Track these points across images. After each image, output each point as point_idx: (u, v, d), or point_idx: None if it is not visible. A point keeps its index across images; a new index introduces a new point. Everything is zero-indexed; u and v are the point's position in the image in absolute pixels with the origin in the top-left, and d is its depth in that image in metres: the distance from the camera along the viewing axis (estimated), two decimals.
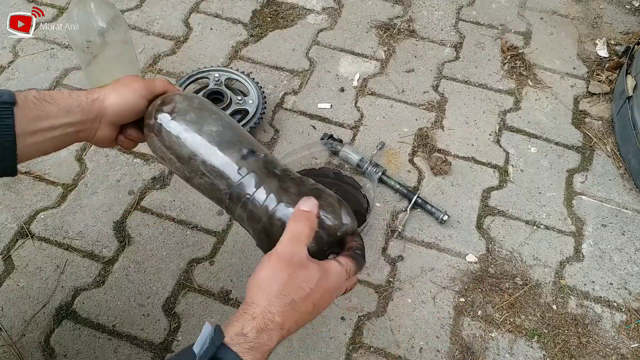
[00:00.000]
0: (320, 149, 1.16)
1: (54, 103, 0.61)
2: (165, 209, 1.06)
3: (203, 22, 1.40)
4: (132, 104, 0.66)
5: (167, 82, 0.70)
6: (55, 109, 0.60)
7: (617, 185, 1.15)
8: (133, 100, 0.66)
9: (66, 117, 0.61)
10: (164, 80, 0.70)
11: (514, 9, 1.49)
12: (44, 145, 0.62)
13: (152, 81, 0.68)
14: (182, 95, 0.68)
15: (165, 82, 0.70)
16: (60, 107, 0.61)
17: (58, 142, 0.63)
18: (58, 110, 0.61)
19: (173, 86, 0.71)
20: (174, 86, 0.71)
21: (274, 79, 1.29)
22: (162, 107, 0.66)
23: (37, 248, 1.00)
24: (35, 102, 0.59)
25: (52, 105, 0.60)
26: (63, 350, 0.89)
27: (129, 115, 0.67)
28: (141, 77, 0.69)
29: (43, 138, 0.61)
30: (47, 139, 0.61)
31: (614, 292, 1.00)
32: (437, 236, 1.06)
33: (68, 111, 0.61)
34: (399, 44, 1.38)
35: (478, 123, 1.24)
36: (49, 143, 0.62)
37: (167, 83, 0.70)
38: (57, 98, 0.61)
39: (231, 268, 0.99)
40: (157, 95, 0.68)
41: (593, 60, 1.38)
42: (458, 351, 0.92)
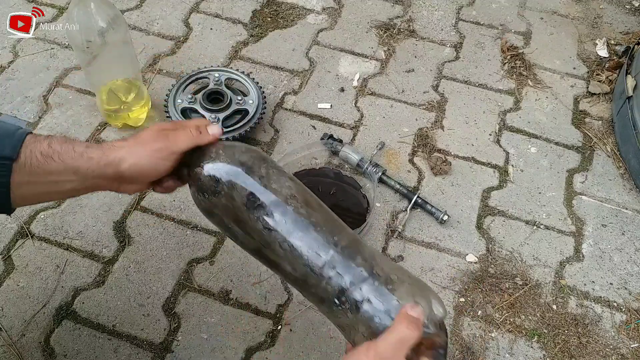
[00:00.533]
0: (320, 149, 1.16)
1: (61, 161, 0.57)
2: (165, 209, 1.06)
3: (203, 22, 1.40)
4: (153, 168, 0.60)
5: (196, 136, 0.61)
6: (61, 168, 0.57)
7: (617, 185, 1.15)
8: (154, 165, 0.59)
9: (72, 176, 0.58)
10: (191, 134, 0.61)
11: (514, 9, 1.49)
12: (47, 196, 0.59)
13: (176, 140, 0.60)
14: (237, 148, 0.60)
15: (193, 137, 0.61)
16: (66, 166, 0.57)
17: (67, 194, 0.60)
18: (63, 170, 0.57)
19: (204, 136, 0.62)
20: (205, 132, 0.62)
21: (274, 79, 1.29)
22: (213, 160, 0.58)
23: (37, 248, 1.00)
24: (40, 159, 0.56)
25: (58, 164, 0.56)
26: (63, 350, 0.89)
27: (151, 177, 0.62)
28: (165, 132, 0.61)
29: (44, 190, 0.58)
30: (50, 191, 0.58)
31: (614, 292, 1.00)
32: (437, 236, 1.06)
33: (75, 172, 0.57)
34: (399, 44, 1.39)
35: (478, 123, 1.24)
36: (54, 195, 0.59)
37: (197, 137, 0.61)
38: (66, 157, 0.57)
39: (231, 268, 0.99)
40: (183, 153, 0.61)
41: (593, 60, 1.38)
42: (458, 351, 0.92)
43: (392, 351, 0.50)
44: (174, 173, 0.64)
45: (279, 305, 0.95)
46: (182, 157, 0.62)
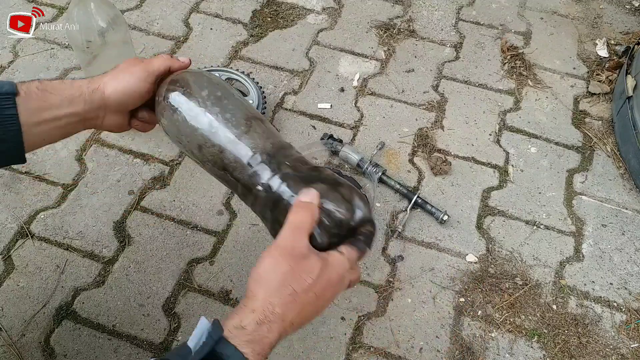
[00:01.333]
0: (320, 149, 1.16)
1: (56, 94, 0.60)
2: (165, 209, 1.06)
3: (203, 22, 1.40)
4: (133, 90, 0.64)
5: (167, 57, 0.67)
6: (58, 100, 0.60)
7: (617, 185, 1.15)
8: (134, 86, 0.64)
9: (69, 107, 0.61)
10: (164, 56, 0.67)
11: (514, 9, 1.49)
12: (50, 134, 0.62)
13: (151, 61, 0.66)
14: (192, 74, 0.66)
15: (165, 58, 0.67)
16: (62, 97, 0.61)
17: (64, 131, 0.63)
18: (60, 101, 0.61)
19: (175, 60, 0.68)
20: (176, 59, 0.68)
21: (274, 79, 1.29)
22: (171, 87, 0.64)
23: (37, 248, 1.00)
24: (37, 92, 0.59)
25: (55, 96, 0.60)
26: (63, 350, 0.89)
27: (133, 101, 0.66)
28: (141, 59, 0.67)
29: (48, 127, 0.61)
30: (52, 128, 0.61)
31: (614, 292, 1.00)
32: (437, 236, 1.06)
33: (70, 102, 0.61)
34: (399, 44, 1.39)
35: (478, 123, 1.24)
36: (56, 132, 0.62)
37: (168, 58, 0.67)
38: (60, 88, 0.61)
39: (231, 268, 0.99)
40: (159, 75, 0.66)
41: (593, 60, 1.38)
42: (458, 351, 0.92)
43: (289, 238, 0.53)
44: (148, 106, 0.68)
45: None
46: (157, 81, 0.66)
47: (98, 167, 1.12)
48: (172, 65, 0.67)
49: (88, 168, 1.12)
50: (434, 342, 0.93)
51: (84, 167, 1.12)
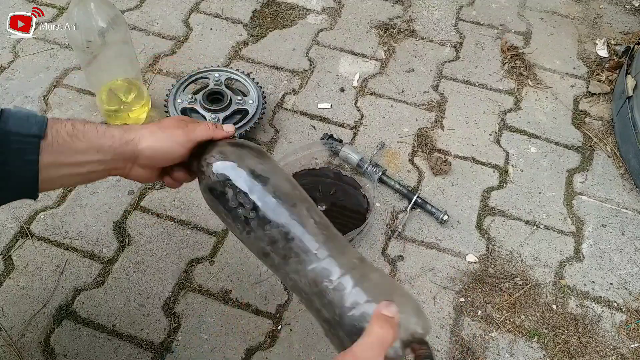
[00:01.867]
0: (320, 149, 1.16)
1: (86, 140, 0.59)
2: (165, 209, 1.06)
3: (203, 22, 1.40)
4: (169, 152, 0.63)
5: (212, 128, 0.65)
6: (85, 146, 0.59)
7: (617, 185, 1.15)
8: (170, 148, 0.62)
9: (95, 155, 0.60)
10: (208, 125, 0.65)
11: (514, 9, 1.49)
12: (69, 179, 0.60)
13: (194, 129, 0.64)
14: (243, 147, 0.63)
15: (209, 129, 0.65)
16: (91, 145, 0.59)
17: (85, 178, 0.61)
18: (88, 148, 0.59)
19: (219, 131, 0.66)
20: (220, 129, 0.66)
21: (274, 79, 1.29)
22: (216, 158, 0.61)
23: (37, 248, 1.00)
24: (66, 138, 0.58)
25: (83, 143, 0.58)
26: (63, 350, 0.89)
27: (165, 161, 0.64)
28: (185, 122, 0.65)
29: (69, 172, 0.59)
30: (72, 173, 0.60)
31: (614, 292, 1.00)
32: (437, 236, 1.06)
33: (98, 150, 0.59)
34: (399, 44, 1.39)
35: (478, 123, 1.24)
36: (76, 178, 0.61)
37: (213, 129, 0.65)
38: (90, 136, 0.59)
39: (231, 268, 0.99)
40: (200, 142, 0.64)
41: (593, 60, 1.38)
42: (458, 351, 0.92)
43: (368, 353, 0.49)
44: (184, 165, 0.67)
45: (279, 305, 0.95)
46: (196, 148, 0.64)
47: None
48: (215, 136, 0.65)
49: None
50: (434, 342, 0.93)
51: None
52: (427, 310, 0.96)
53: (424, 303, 0.97)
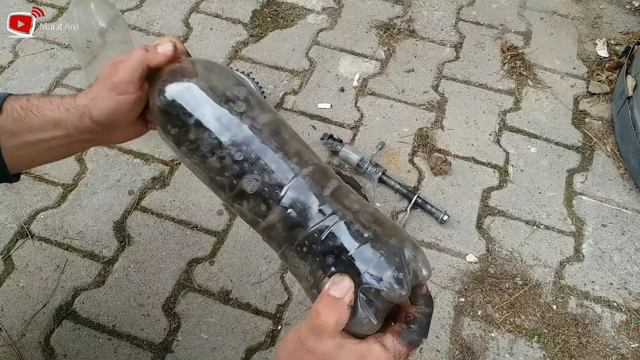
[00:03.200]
0: (320, 149, 1.16)
1: (40, 114, 0.54)
2: (165, 209, 1.06)
3: (203, 22, 1.40)
4: (120, 108, 0.52)
5: (141, 54, 0.52)
6: (40, 122, 0.54)
7: (617, 185, 1.15)
8: (117, 104, 0.52)
9: (55, 130, 0.54)
10: (137, 54, 0.52)
11: (514, 9, 1.49)
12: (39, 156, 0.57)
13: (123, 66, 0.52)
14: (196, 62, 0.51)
15: (139, 57, 0.52)
16: (46, 119, 0.54)
17: (58, 152, 0.57)
18: (44, 122, 0.54)
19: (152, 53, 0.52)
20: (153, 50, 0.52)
21: (274, 79, 1.29)
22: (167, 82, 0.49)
23: (37, 248, 1.00)
24: (20, 112, 0.54)
25: (37, 117, 0.54)
26: (63, 350, 0.89)
27: (127, 117, 0.54)
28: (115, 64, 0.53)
29: (35, 150, 0.55)
30: (40, 150, 0.55)
31: (614, 292, 1.00)
32: (437, 236, 1.06)
33: (56, 125, 0.54)
34: (399, 44, 1.39)
35: (478, 123, 1.24)
36: (46, 154, 0.57)
37: (142, 55, 0.52)
38: (44, 109, 0.54)
39: (231, 268, 0.99)
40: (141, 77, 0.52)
41: (593, 60, 1.38)
42: (458, 351, 0.92)
43: (312, 340, 0.42)
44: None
45: (279, 305, 0.95)
46: (145, 84, 0.54)
47: (98, 167, 1.12)
48: (150, 63, 0.52)
49: (88, 168, 1.12)
50: (434, 342, 0.93)
51: (84, 167, 1.12)
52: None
53: None
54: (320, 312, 0.42)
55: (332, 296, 0.42)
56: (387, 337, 0.44)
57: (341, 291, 0.42)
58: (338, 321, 0.42)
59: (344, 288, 0.42)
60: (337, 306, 0.41)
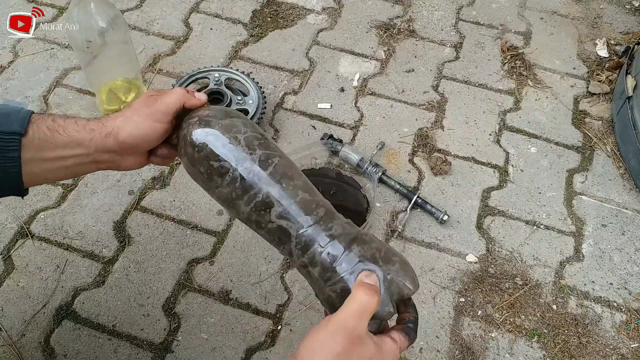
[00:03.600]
0: (320, 149, 1.16)
1: (66, 134, 0.58)
2: (165, 209, 1.06)
3: (203, 22, 1.40)
4: (149, 133, 0.61)
5: (182, 93, 0.62)
6: (66, 140, 0.58)
7: (617, 185, 1.15)
8: (150, 129, 0.61)
9: (77, 149, 0.59)
10: (178, 92, 0.62)
11: (514, 9, 1.49)
12: (54, 173, 0.60)
13: (164, 99, 0.61)
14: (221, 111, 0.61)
15: (180, 94, 0.62)
16: (71, 139, 0.59)
17: (71, 172, 0.61)
18: (68, 142, 0.58)
19: (191, 96, 0.63)
20: (192, 94, 0.63)
21: (274, 79, 1.29)
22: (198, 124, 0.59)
23: (37, 248, 1.00)
24: (46, 133, 0.58)
25: (63, 137, 0.58)
26: (63, 350, 0.89)
27: (150, 144, 0.62)
28: (154, 96, 0.62)
29: (52, 167, 0.59)
30: (56, 167, 0.59)
31: (614, 292, 1.00)
32: (437, 236, 1.06)
33: (79, 144, 0.59)
34: (399, 44, 1.39)
35: (478, 123, 1.24)
36: (60, 172, 0.60)
37: (183, 94, 0.62)
38: (70, 130, 0.59)
39: (231, 268, 0.99)
40: (176, 113, 0.62)
41: (593, 60, 1.38)
42: (458, 351, 0.92)
43: (353, 319, 0.49)
44: (167, 141, 0.65)
45: (279, 305, 0.95)
46: (174, 121, 0.63)
47: None
48: (187, 102, 0.62)
49: None
50: (434, 342, 0.93)
51: None
52: (427, 311, 0.96)
53: (424, 303, 0.97)
54: (365, 293, 0.51)
55: (369, 284, 0.52)
56: (394, 332, 0.55)
57: (373, 280, 0.53)
58: (377, 304, 0.51)
59: (374, 278, 0.53)
60: (374, 291, 0.51)
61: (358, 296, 0.51)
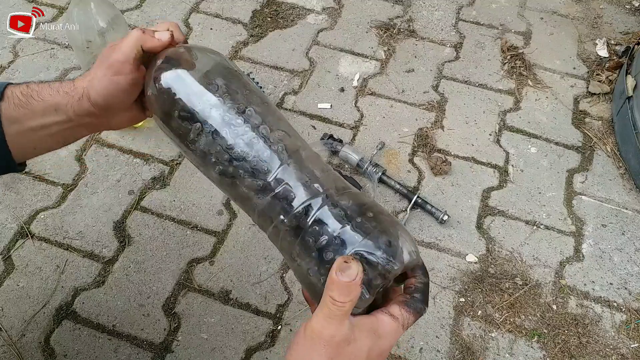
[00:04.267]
0: (320, 149, 1.16)
1: (41, 99, 0.54)
2: (165, 209, 1.06)
3: (203, 22, 1.40)
4: (114, 88, 0.54)
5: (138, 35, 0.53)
6: (42, 107, 0.54)
7: (617, 185, 1.15)
8: (112, 84, 0.54)
9: (55, 115, 0.55)
10: (134, 35, 0.54)
11: (514, 9, 1.49)
12: (41, 142, 0.57)
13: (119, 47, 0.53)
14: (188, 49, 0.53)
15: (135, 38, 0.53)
16: (46, 104, 0.54)
17: (60, 139, 0.58)
18: (44, 108, 0.54)
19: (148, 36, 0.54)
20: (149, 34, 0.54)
21: (274, 79, 1.29)
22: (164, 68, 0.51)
23: (37, 248, 1.00)
24: (21, 98, 0.54)
25: (38, 103, 0.54)
26: (63, 350, 0.89)
27: (121, 99, 0.55)
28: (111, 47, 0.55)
29: (37, 136, 0.56)
30: (42, 136, 0.56)
31: (614, 292, 1.00)
32: (437, 236, 1.06)
33: (56, 109, 0.55)
34: (399, 44, 1.39)
35: (478, 123, 1.24)
36: (49, 140, 0.57)
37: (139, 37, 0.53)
38: (44, 94, 0.55)
39: (231, 268, 0.99)
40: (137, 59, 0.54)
41: (593, 60, 1.38)
42: (458, 351, 0.92)
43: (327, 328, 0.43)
44: None
45: (279, 305, 0.95)
46: (141, 67, 0.55)
47: (98, 167, 1.12)
48: (145, 44, 0.54)
49: (88, 168, 1.12)
50: (434, 342, 0.93)
51: (84, 167, 1.12)
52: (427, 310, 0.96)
53: None
54: (334, 297, 0.42)
55: (342, 281, 0.42)
56: (394, 307, 0.45)
57: (350, 275, 0.42)
58: (352, 302, 0.42)
59: (352, 272, 0.42)
60: (350, 289, 0.42)
61: (326, 301, 0.42)
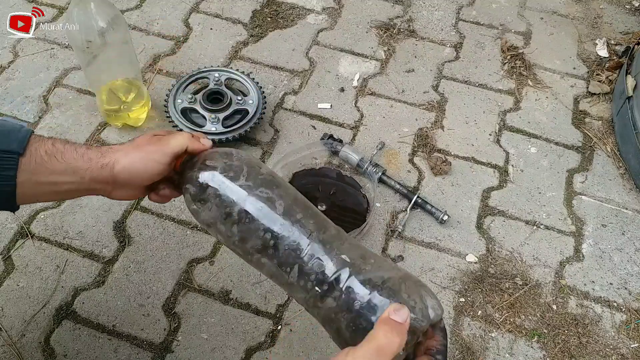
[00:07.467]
0: (320, 149, 1.16)
1: (63, 161, 0.59)
2: (165, 209, 1.06)
3: (203, 22, 1.40)
4: (144, 171, 0.61)
5: (187, 137, 0.63)
6: (62, 167, 0.58)
7: (617, 185, 1.15)
8: (145, 167, 0.61)
9: (72, 177, 0.59)
10: (184, 135, 0.63)
11: (514, 9, 1.49)
12: (45, 196, 0.61)
13: (168, 141, 0.62)
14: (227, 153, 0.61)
15: (185, 138, 0.62)
16: (68, 166, 0.59)
17: (62, 196, 0.62)
18: (64, 169, 0.59)
19: (195, 141, 0.63)
20: (196, 139, 0.64)
21: (274, 79, 1.29)
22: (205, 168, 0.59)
23: (37, 248, 1.00)
24: (44, 157, 0.58)
25: (61, 163, 0.58)
26: (63, 350, 0.89)
27: (142, 180, 0.62)
28: (158, 135, 0.63)
29: (45, 191, 0.59)
30: (49, 192, 0.60)
31: (614, 292, 1.00)
32: (437, 236, 1.06)
33: (75, 172, 0.59)
34: (399, 44, 1.39)
35: (478, 123, 1.24)
36: (52, 195, 0.61)
37: (188, 138, 0.63)
38: (68, 157, 0.59)
39: (231, 268, 0.99)
40: (176, 155, 0.62)
41: (593, 60, 1.38)
42: (458, 351, 0.92)
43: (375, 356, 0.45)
44: (169, 180, 0.66)
45: (279, 305, 0.95)
46: (174, 161, 0.63)
47: None
48: (191, 146, 0.63)
49: None
50: None
51: None
52: None
53: None
54: (387, 334, 0.45)
55: (395, 321, 0.46)
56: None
57: (402, 317, 0.46)
58: (401, 343, 0.45)
59: (404, 314, 0.47)
60: (401, 329, 0.46)
61: (379, 335, 0.46)
